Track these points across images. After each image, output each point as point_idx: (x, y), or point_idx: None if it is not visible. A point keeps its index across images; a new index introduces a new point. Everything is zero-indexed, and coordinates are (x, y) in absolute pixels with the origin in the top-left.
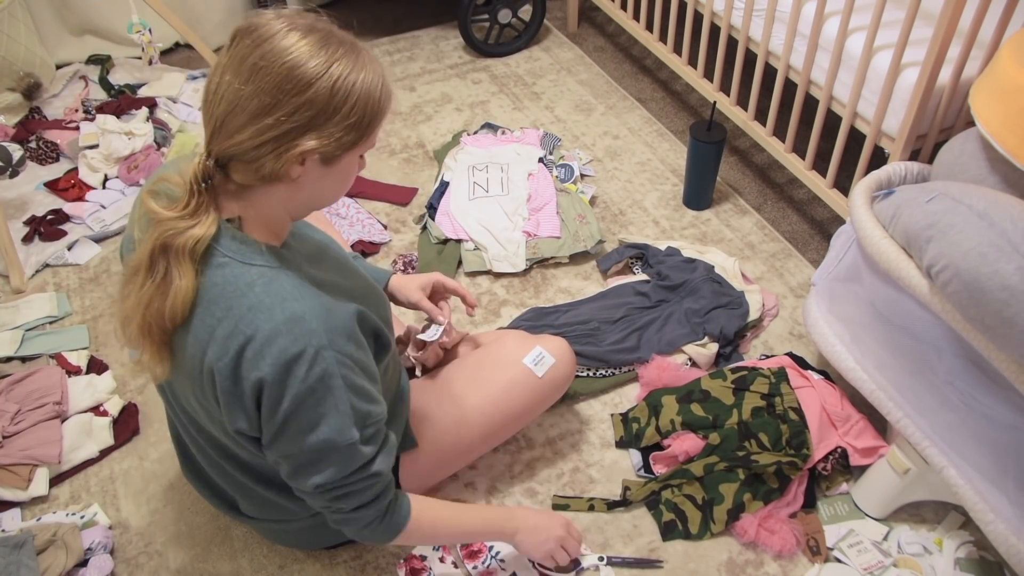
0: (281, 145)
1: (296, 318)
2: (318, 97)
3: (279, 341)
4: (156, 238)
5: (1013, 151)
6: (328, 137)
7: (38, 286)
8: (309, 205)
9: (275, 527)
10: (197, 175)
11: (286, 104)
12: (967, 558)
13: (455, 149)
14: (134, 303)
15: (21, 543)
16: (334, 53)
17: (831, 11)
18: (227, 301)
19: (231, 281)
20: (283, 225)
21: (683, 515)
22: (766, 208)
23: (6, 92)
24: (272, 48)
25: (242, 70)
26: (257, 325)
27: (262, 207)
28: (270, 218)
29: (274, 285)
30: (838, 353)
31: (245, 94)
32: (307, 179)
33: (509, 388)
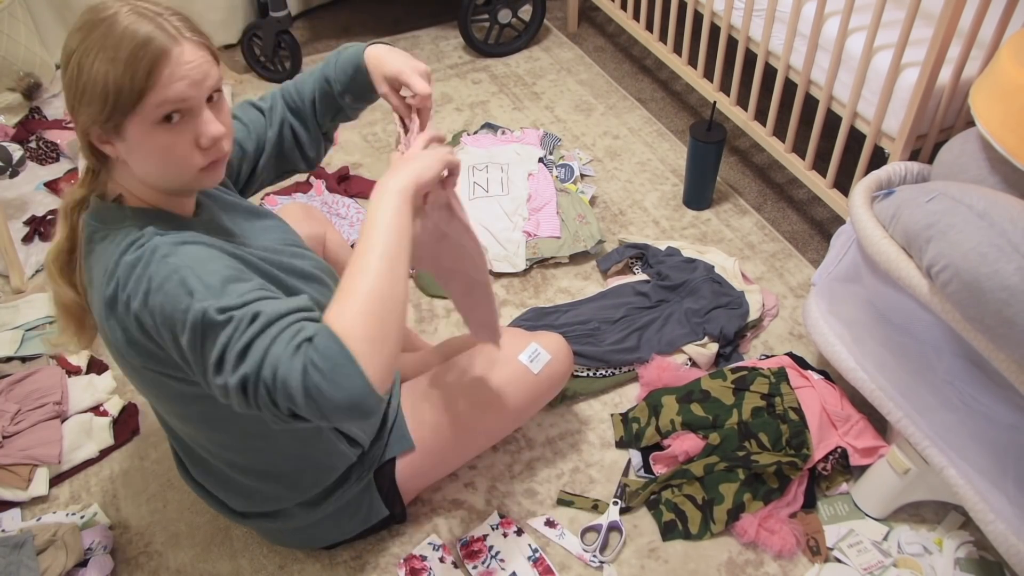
0: (77, 127)
1: (144, 240)
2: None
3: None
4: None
5: (1013, 151)
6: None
7: (38, 286)
8: (153, 179)
9: (271, 526)
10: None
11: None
12: (967, 558)
13: (455, 149)
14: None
15: (21, 543)
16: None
17: (831, 11)
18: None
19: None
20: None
21: (683, 515)
22: (766, 208)
23: (6, 92)
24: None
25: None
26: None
27: (123, 185)
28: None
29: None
30: (838, 353)
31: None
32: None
33: (505, 385)
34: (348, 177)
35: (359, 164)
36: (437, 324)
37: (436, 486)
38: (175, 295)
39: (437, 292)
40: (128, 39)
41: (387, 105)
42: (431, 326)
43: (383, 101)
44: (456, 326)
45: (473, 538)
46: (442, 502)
